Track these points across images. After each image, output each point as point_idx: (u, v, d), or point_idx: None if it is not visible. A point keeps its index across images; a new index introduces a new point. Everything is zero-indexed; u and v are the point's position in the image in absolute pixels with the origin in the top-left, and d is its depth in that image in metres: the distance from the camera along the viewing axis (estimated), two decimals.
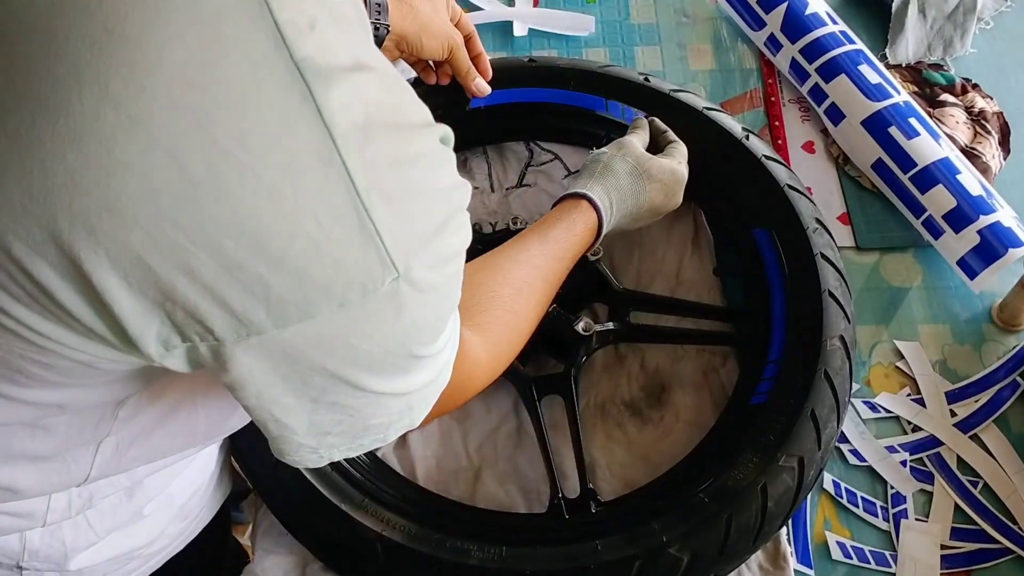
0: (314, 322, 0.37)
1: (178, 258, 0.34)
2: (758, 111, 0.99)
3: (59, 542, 0.61)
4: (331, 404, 0.42)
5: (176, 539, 0.73)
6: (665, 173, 0.76)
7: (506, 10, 1.07)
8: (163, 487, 0.67)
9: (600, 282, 0.81)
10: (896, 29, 1.02)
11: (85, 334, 0.37)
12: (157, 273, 0.34)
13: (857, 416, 0.80)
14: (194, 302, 0.35)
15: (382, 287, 0.37)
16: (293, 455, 0.45)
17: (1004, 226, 0.82)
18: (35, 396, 0.43)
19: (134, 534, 0.67)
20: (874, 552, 0.73)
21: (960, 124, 0.94)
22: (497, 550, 0.67)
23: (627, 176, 0.75)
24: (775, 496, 0.67)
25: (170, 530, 0.71)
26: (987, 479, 0.76)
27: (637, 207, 0.76)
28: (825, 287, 0.75)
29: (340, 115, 0.35)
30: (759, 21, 0.99)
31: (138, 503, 0.65)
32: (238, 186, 0.33)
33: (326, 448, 0.45)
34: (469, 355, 0.55)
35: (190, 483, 0.71)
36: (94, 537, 0.63)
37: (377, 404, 0.44)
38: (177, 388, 0.52)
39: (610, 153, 0.77)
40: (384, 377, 0.42)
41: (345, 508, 0.68)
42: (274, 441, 0.44)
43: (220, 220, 0.34)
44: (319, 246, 0.35)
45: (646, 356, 0.83)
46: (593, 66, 0.90)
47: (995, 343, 0.84)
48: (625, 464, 0.77)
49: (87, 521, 0.62)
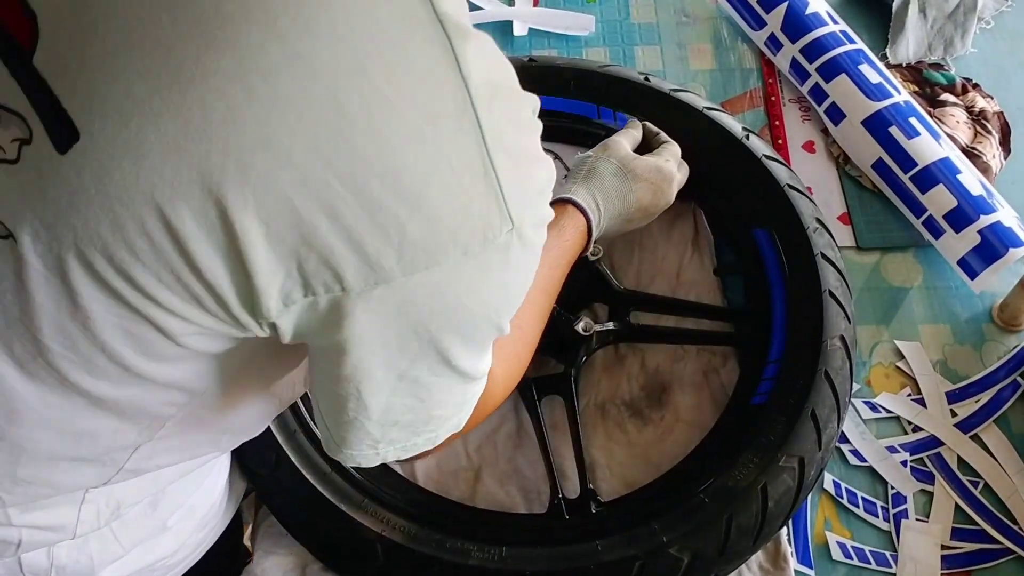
0: (438, 270, 0.38)
1: (324, 198, 0.35)
2: (758, 111, 0.99)
3: (87, 556, 0.60)
4: (413, 381, 0.43)
5: (197, 548, 0.73)
6: (651, 171, 0.76)
7: (506, 10, 1.06)
8: (186, 497, 0.66)
9: (600, 282, 0.81)
10: (896, 29, 1.02)
11: (201, 299, 0.38)
12: (301, 215, 0.35)
13: (858, 416, 0.80)
14: (331, 246, 0.36)
15: (499, 237, 0.39)
16: (354, 448, 0.46)
17: (1005, 226, 0.82)
18: (103, 390, 0.43)
19: (158, 546, 0.67)
20: (874, 552, 0.73)
21: (961, 124, 0.94)
22: (497, 550, 0.67)
23: (612, 177, 0.75)
24: (775, 496, 0.67)
25: (192, 540, 0.71)
26: (988, 479, 0.76)
27: (625, 207, 0.75)
28: (825, 287, 0.74)
29: (475, 69, 0.37)
30: (759, 21, 0.99)
31: (162, 515, 0.65)
32: (387, 125, 0.35)
33: (386, 444, 0.47)
34: (489, 383, 0.55)
35: (209, 492, 0.70)
36: (120, 551, 0.62)
37: (448, 389, 0.46)
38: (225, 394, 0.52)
39: (595, 155, 0.77)
40: (468, 350, 0.44)
41: (345, 508, 0.68)
42: (341, 427, 0.45)
43: (369, 159, 0.35)
44: (451, 191, 0.37)
45: (646, 356, 0.82)
46: (593, 66, 0.90)
47: (995, 343, 0.84)
48: (625, 464, 0.77)
49: (113, 534, 0.61)
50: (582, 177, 0.75)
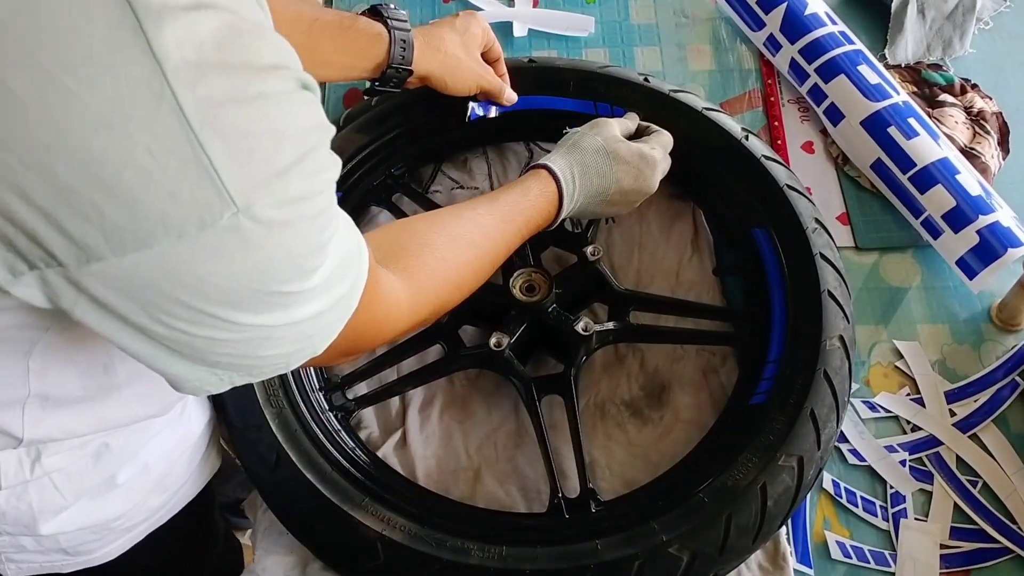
0: (153, 252, 0.37)
1: (11, 180, 0.35)
2: (757, 111, 0.99)
3: (26, 504, 0.62)
4: (208, 339, 0.43)
5: (156, 512, 0.74)
6: (634, 155, 0.76)
7: (506, 10, 1.07)
8: (133, 452, 0.67)
9: (600, 282, 0.81)
10: (895, 29, 1.02)
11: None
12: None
13: (856, 416, 0.80)
14: (32, 225, 0.36)
15: (221, 221, 0.38)
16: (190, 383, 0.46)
17: (1003, 226, 0.82)
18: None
19: (108, 503, 0.68)
20: (873, 551, 0.74)
21: (959, 124, 0.94)
22: (497, 550, 0.67)
23: (594, 153, 0.75)
24: (775, 496, 0.67)
25: (150, 503, 0.72)
26: (986, 479, 0.76)
27: (603, 186, 0.75)
28: (824, 287, 0.75)
29: (172, 51, 0.35)
30: (758, 21, 0.99)
31: (107, 467, 0.66)
32: (66, 112, 0.34)
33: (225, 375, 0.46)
34: (389, 294, 0.57)
35: (166, 453, 0.71)
36: (62, 501, 0.64)
37: (264, 338, 0.45)
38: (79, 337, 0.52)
39: (582, 131, 0.77)
40: (253, 312, 0.43)
41: (345, 508, 0.69)
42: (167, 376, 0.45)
43: (49, 144, 0.34)
44: (152, 177, 0.36)
45: (646, 356, 0.83)
46: (592, 67, 0.90)
47: (994, 343, 0.84)
48: (625, 464, 0.77)
49: (53, 484, 0.63)
50: (564, 149, 0.76)
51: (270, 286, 0.42)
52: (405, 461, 0.78)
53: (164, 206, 0.36)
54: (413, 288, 0.60)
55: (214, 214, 0.37)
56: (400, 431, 0.80)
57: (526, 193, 0.72)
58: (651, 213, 0.90)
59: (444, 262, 0.64)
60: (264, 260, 0.41)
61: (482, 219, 0.69)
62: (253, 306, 0.42)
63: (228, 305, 0.41)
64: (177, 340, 0.42)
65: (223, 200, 0.37)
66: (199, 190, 0.37)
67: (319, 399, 0.78)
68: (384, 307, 0.56)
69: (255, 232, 0.39)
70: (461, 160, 0.95)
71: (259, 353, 0.46)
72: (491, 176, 0.94)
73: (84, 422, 0.60)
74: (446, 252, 0.64)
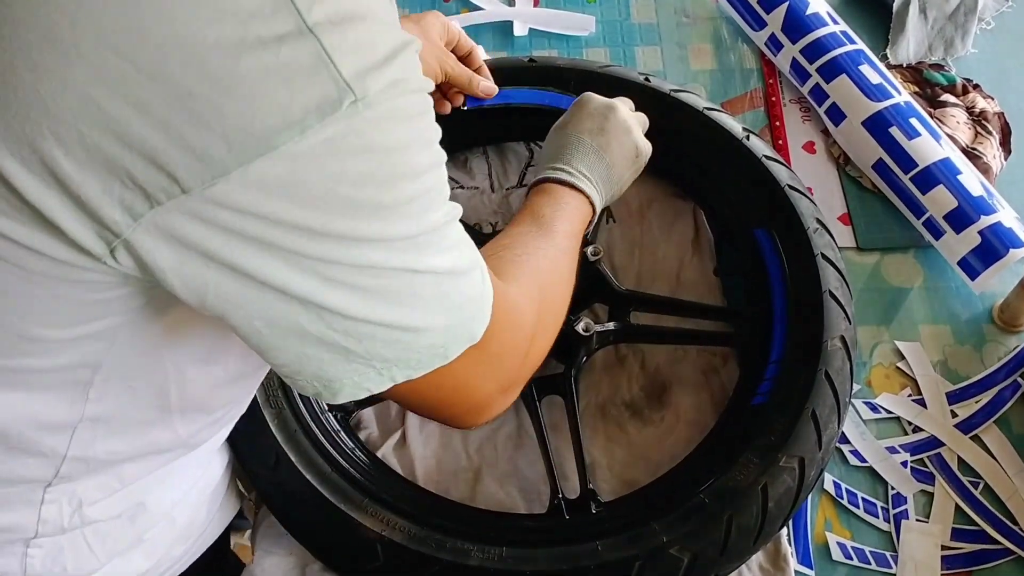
0: (277, 154, 0.36)
1: (126, 91, 0.34)
2: (759, 111, 0.99)
3: (60, 567, 0.59)
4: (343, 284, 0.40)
5: (178, 561, 0.72)
6: (600, 106, 0.75)
7: (506, 10, 1.07)
8: (168, 509, 0.65)
9: (600, 282, 0.81)
10: (897, 29, 1.02)
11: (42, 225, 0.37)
12: (108, 112, 0.34)
13: (858, 417, 0.80)
14: (152, 144, 0.35)
15: (341, 108, 0.37)
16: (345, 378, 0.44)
17: (1005, 226, 0.82)
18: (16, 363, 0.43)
19: (135, 559, 0.65)
20: (875, 553, 0.73)
21: (961, 124, 0.94)
22: (497, 551, 0.67)
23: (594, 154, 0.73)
24: (776, 497, 0.67)
25: (173, 552, 0.70)
26: (988, 480, 0.76)
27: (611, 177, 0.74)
28: (826, 287, 0.74)
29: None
30: (760, 21, 0.99)
31: (141, 527, 0.64)
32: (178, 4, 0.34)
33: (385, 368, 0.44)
34: (509, 301, 0.53)
35: (189, 503, 0.69)
36: (96, 563, 0.61)
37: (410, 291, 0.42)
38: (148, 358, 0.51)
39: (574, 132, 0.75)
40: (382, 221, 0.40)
41: (345, 508, 0.68)
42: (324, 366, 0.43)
43: (162, 41, 0.34)
44: (268, 66, 0.35)
45: (646, 356, 0.82)
46: (593, 66, 0.90)
47: (996, 344, 0.84)
48: (625, 464, 0.77)
49: (88, 545, 0.60)
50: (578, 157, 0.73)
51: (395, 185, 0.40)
52: (405, 462, 0.78)
53: (283, 97, 0.35)
54: (533, 291, 0.58)
55: (333, 102, 0.36)
56: (400, 431, 0.80)
57: (572, 218, 0.70)
58: (652, 213, 0.90)
59: (549, 260, 0.63)
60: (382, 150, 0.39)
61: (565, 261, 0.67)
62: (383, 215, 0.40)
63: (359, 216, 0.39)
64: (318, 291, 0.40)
65: (340, 87, 0.36)
66: (315, 77, 0.36)
67: None
68: (513, 316, 0.53)
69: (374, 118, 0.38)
70: (461, 160, 0.95)
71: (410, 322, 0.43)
72: (491, 176, 0.94)
73: (130, 444, 0.57)
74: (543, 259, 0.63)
